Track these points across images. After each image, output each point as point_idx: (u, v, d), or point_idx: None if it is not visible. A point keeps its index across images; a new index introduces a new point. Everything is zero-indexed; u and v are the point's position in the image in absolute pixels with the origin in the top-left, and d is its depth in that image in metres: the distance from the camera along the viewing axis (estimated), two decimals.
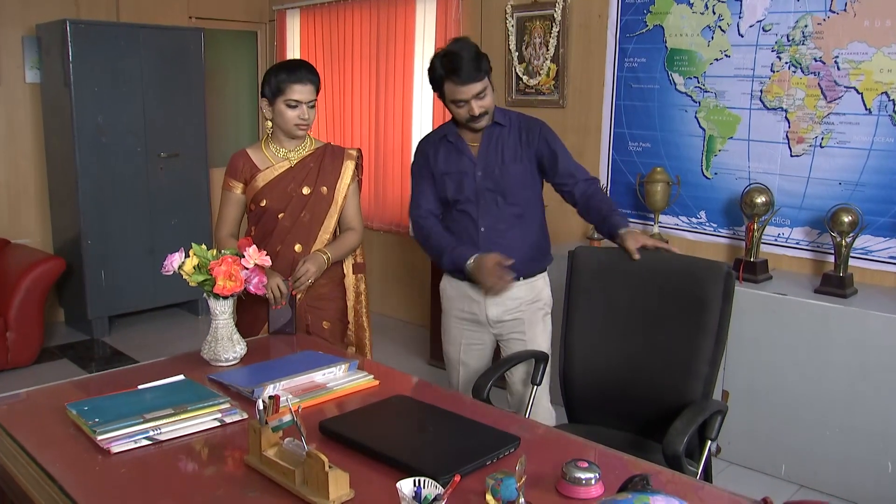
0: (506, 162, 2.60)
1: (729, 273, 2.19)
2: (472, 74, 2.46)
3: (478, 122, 2.56)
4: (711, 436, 2.07)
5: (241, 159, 2.62)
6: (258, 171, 2.60)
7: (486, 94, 2.52)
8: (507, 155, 2.61)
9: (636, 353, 2.33)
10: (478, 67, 2.47)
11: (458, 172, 2.63)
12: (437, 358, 4.60)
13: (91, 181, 4.86)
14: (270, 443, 1.57)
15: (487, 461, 1.57)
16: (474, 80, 2.47)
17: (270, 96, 2.53)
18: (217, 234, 2.67)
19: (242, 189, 2.62)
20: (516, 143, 2.62)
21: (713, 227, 3.76)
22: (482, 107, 2.51)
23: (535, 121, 2.68)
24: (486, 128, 2.61)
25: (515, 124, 2.64)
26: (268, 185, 2.58)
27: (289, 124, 2.54)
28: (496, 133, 2.62)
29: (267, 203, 2.58)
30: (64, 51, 4.71)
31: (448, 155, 2.65)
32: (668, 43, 3.80)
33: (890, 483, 2.94)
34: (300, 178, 2.61)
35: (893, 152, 3.16)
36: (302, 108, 2.52)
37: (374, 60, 5.24)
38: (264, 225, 2.62)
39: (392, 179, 5.24)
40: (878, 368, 2.92)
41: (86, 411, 1.76)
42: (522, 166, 2.62)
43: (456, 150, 2.64)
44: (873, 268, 3.28)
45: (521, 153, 2.62)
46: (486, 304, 2.67)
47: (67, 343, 4.93)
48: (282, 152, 2.62)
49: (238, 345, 2.17)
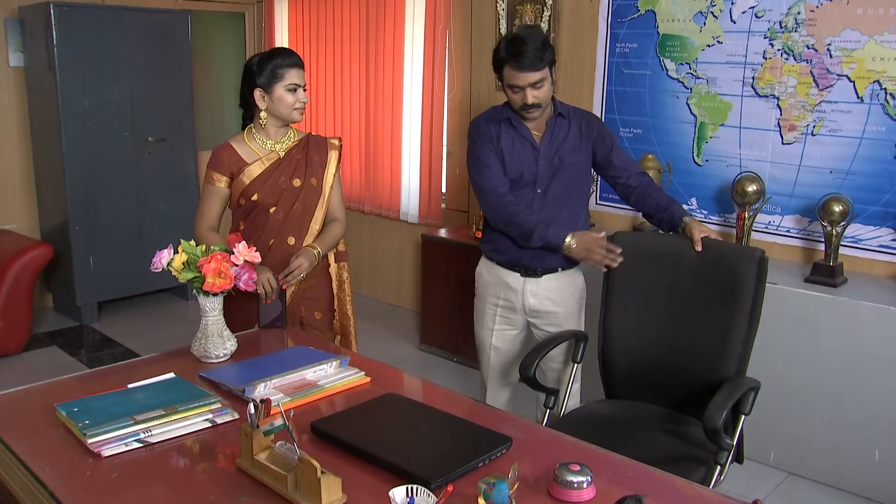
0: (567, 152, 2.64)
1: (763, 258, 2.30)
2: (533, 63, 2.45)
3: (530, 111, 2.56)
4: (746, 411, 2.18)
5: (226, 153, 2.57)
6: (245, 165, 2.55)
7: (544, 85, 2.52)
8: (567, 146, 2.65)
9: (672, 333, 2.44)
10: (540, 57, 2.47)
11: (519, 157, 2.64)
12: (428, 343, 4.61)
13: (78, 166, 4.81)
14: (262, 446, 1.56)
15: (479, 463, 1.57)
16: (533, 69, 2.46)
17: (266, 84, 2.50)
18: (198, 229, 2.58)
19: (227, 183, 2.57)
20: (576, 135, 2.67)
21: (704, 214, 3.76)
22: (536, 97, 2.51)
23: (594, 116, 2.75)
24: (550, 118, 2.64)
25: (576, 117, 2.69)
26: (258, 178, 2.55)
27: (289, 109, 2.53)
28: (559, 124, 2.66)
29: (259, 197, 2.55)
30: (48, 34, 4.63)
31: (511, 138, 2.65)
32: (659, 28, 3.77)
33: (877, 471, 2.97)
34: (290, 171, 2.59)
35: (885, 141, 3.16)
36: (300, 91, 2.53)
37: (364, 43, 5.18)
38: (254, 219, 2.59)
39: (382, 163, 5.21)
40: (866, 358, 2.94)
41: (75, 412, 1.75)
42: (581, 158, 2.67)
43: (519, 136, 2.65)
44: (863, 256, 3.29)
45: (581, 146, 2.67)
46: (525, 294, 2.72)
47: (56, 330, 4.90)
48: (269, 144, 2.59)
49: (228, 341, 2.15)
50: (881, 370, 2.91)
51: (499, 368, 2.88)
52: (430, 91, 4.78)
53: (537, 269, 2.68)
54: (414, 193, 5.06)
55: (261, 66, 2.51)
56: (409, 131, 5.03)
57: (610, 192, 4.08)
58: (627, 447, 2.24)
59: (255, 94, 2.52)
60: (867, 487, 3.01)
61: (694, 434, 2.29)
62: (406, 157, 5.08)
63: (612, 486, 1.52)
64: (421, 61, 4.84)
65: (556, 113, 2.65)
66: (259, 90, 2.52)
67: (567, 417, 2.49)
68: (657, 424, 2.38)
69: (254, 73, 2.52)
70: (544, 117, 2.64)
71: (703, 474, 2.12)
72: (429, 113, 4.80)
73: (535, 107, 2.53)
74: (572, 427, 2.38)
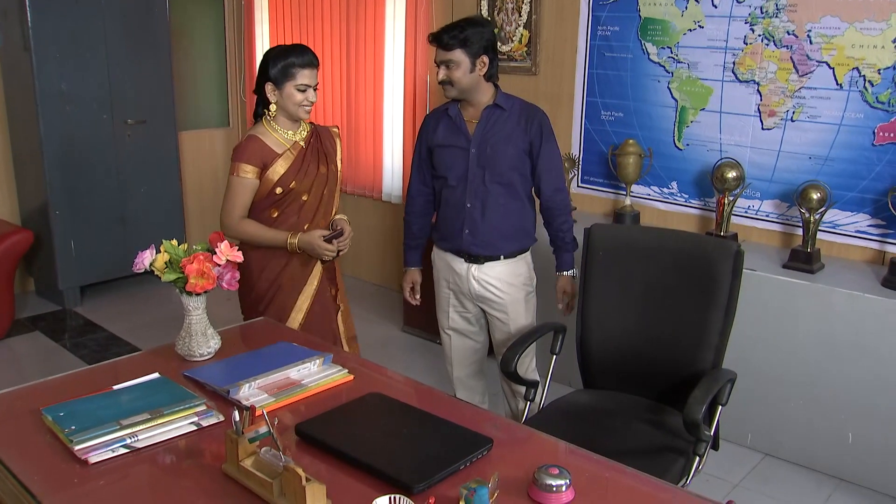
0: (499, 142, 2.71)
1: (738, 251, 2.34)
2: (440, 40, 2.65)
3: (445, 90, 2.72)
4: (723, 402, 2.26)
5: (256, 144, 2.62)
6: (276, 156, 2.63)
7: (456, 68, 2.65)
8: (501, 136, 2.72)
9: (650, 325, 2.49)
10: (450, 38, 2.62)
11: (452, 147, 2.76)
12: (411, 325, 4.64)
13: (56, 150, 4.75)
14: (247, 452, 1.58)
15: (461, 466, 1.60)
16: (441, 47, 2.65)
17: (278, 80, 2.58)
18: (229, 221, 2.65)
19: (257, 174, 2.62)
20: (514, 126, 2.73)
21: (684, 197, 3.79)
22: (446, 76, 2.67)
23: (538, 110, 2.78)
24: (486, 108, 2.73)
25: (517, 110, 2.75)
26: (291, 167, 2.64)
27: (296, 107, 2.62)
28: (495, 115, 2.73)
29: (295, 185, 2.64)
30: (22, 15, 4.55)
31: (447, 129, 2.78)
32: (641, 12, 3.76)
33: (850, 453, 3.05)
34: (314, 159, 2.71)
35: (863, 128, 3.19)
36: (310, 91, 2.62)
37: (345, 23, 5.13)
38: (288, 207, 2.68)
39: (364, 145, 5.19)
40: (841, 344, 3.00)
41: (61, 417, 1.76)
42: (514, 148, 2.73)
43: (454, 126, 2.76)
44: (840, 241, 3.34)
45: (517, 137, 2.72)
46: (469, 280, 2.83)
47: (39, 315, 4.88)
48: (289, 134, 2.67)
49: (212, 339, 2.17)
50: (855, 356, 2.98)
51: (459, 351, 3.02)
52: (411, 72, 4.75)
53: (479, 256, 2.79)
54: (397, 174, 5.06)
55: (275, 60, 2.58)
56: (391, 112, 5.01)
57: (592, 174, 4.10)
58: (608, 439, 2.31)
59: (267, 87, 2.61)
60: (840, 468, 3.09)
61: (672, 423, 2.35)
62: (388, 137, 5.06)
63: (591, 487, 1.56)
64: (403, 42, 4.81)
65: (493, 104, 2.72)
66: (270, 84, 2.60)
67: (548, 409, 2.53)
68: (636, 414, 2.43)
69: (268, 66, 2.60)
70: (480, 108, 2.73)
71: (683, 465, 2.18)
72: (411, 94, 4.78)
73: (446, 84, 2.68)
74: (553, 419, 2.43)
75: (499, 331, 2.90)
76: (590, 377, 2.63)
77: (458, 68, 2.64)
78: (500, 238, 2.77)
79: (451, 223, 2.80)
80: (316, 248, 2.63)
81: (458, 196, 2.77)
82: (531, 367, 2.96)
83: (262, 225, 2.66)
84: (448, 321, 2.98)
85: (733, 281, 2.33)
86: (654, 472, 2.04)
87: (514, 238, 2.81)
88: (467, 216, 2.76)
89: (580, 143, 4.11)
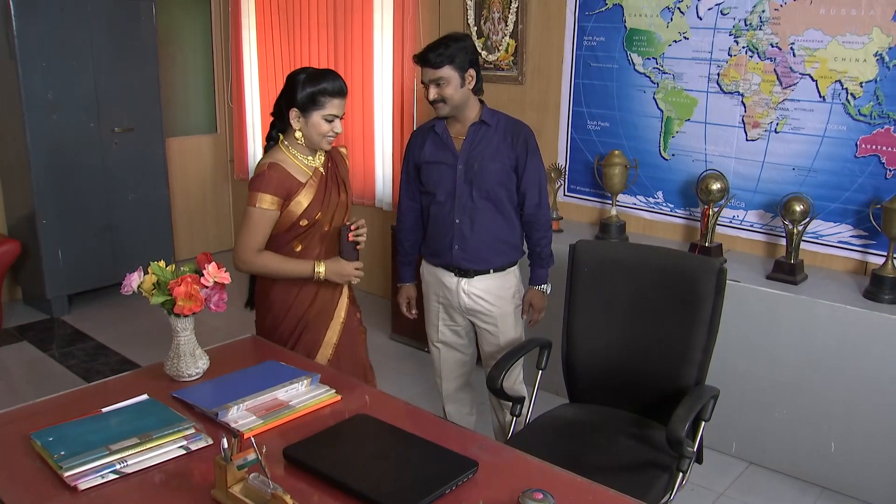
0: (486, 158, 2.73)
1: (721, 269, 2.35)
2: (427, 59, 2.65)
3: (436, 108, 2.72)
4: (706, 417, 2.29)
5: (280, 174, 2.44)
6: (300, 185, 2.46)
7: (446, 85, 2.66)
8: (488, 152, 2.74)
9: (635, 341, 2.51)
10: (439, 54, 2.63)
11: (439, 163, 2.78)
12: (399, 332, 4.66)
13: (43, 159, 4.74)
14: (236, 479, 1.60)
15: (447, 490, 1.62)
16: (429, 65, 2.65)
17: (305, 106, 2.41)
18: (245, 257, 2.47)
19: (279, 205, 2.44)
20: (500, 142, 2.75)
21: (670, 207, 3.83)
22: (438, 94, 2.67)
23: (523, 125, 2.81)
24: (473, 125, 2.75)
25: (503, 126, 2.77)
26: (315, 198, 2.49)
27: (320, 137, 2.45)
28: (482, 131, 2.76)
29: (320, 217, 2.51)
30: (7, 22, 4.53)
31: (434, 146, 2.80)
32: (627, 23, 3.79)
33: (833, 461, 3.09)
34: (334, 186, 2.57)
35: (845, 140, 3.23)
36: (336, 122, 2.46)
37: (332, 28, 5.14)
38: (311, 240, 2.54)
39: (355, 151, 5.19)
40: (824, 354, 3.04)
41: (50, 442, 1.77)
42: (501, 164, 2.75)
43: (441, 142, 2.78)
44: (823, 252, 3.38)
45: (503, 153, 2.75)
46: (459, 293, 2.86)
47: (27, 323, 4.87)
48: (309, 160, 2.51)
49: (200, 360, 2.18)
50: (837, 366, 3.02)
51: (449, 363, 3.05)
52: (399, 80, 4.77)
53: (469, 270, 2.82)
54: (388, 181, 5.07)
55: (304, 86, 2.40)
56: (381, 120, 5.02)
57: (578, 184, 4.13)
58: (593, 455, 2.34)
59: (291, 114, 2.43)
60: (824, 477, 3.14)
61: (656, 438, 2.37)
62: (379, 145, 5.08)
63: None
64: (391, 49, 4.82)
65: (479, 120, 2.75)
66: (296, 110, 2.42)
67: (533, 424, 2.56)
68: (621, 429, 2.46)
69: (296, 90, 2.41)
70: (467, 124, 2.75)
71: (667, 481, 2.21)
72: (399, 102, 4.80)
73: (438, 102, 2.68)
74: (539, 434, 2.45)
75: (488, 343, 2.93)
76: (575, 391, 2.66)
77: (449, 85, 2.65)
78: (488, 252, 2.81)
79: (441, 239, 2.83)
80: (344, 272, 2.53)
81: (446, 212, 2.79)
82: (518, 380, 2.98)
83: (283, 256, 2.50)
84: (437, 334, 3.00)
85: (716, 298, 2.36)
86: (639, 489, 2.09)
87: (503, 252, 2.84)
88: (456, 232, 2.79)
89: (566, 153, 4.14)
